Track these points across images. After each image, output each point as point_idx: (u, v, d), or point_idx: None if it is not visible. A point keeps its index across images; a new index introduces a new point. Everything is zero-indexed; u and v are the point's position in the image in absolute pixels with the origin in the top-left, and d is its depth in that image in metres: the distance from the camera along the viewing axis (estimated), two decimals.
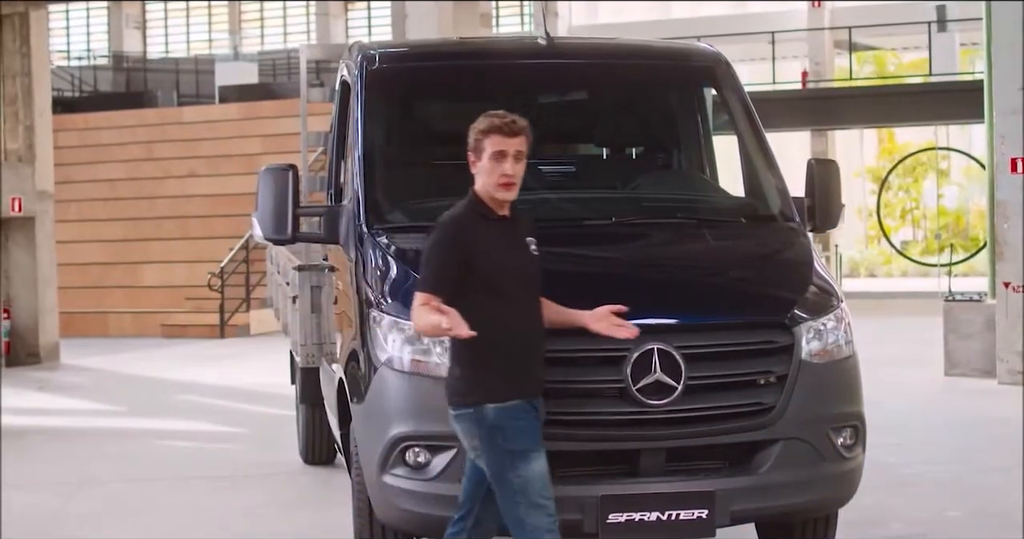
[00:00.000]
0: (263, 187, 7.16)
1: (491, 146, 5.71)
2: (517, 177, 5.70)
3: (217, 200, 27.11)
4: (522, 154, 5.72)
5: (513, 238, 5.77)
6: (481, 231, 5.70)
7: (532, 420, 5.65)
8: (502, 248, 5.71)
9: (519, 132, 5.72)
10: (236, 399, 15.24)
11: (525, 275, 5.75)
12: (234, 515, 9.13)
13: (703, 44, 8.19)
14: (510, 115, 5.77)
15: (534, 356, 5.73)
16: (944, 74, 31.57)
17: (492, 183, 5.70)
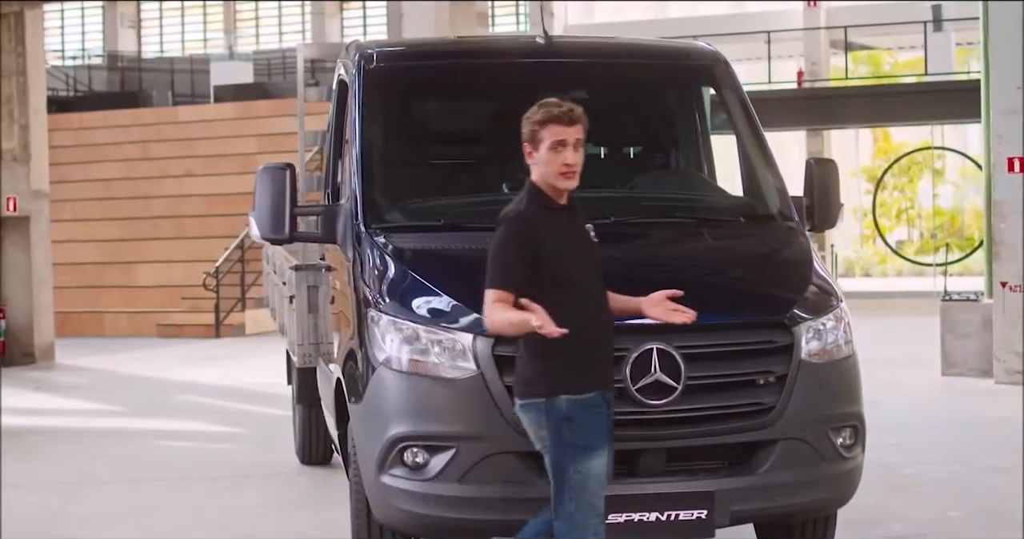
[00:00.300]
0: (260, 186, 7.13)
1: (550, 136, 5.61)
2: (578, 165, 5.62)
3: (213, 200, 27.09)
4: (580, 142, 5.64)
5: (576, 227, 5.72)
6: (546, 223, 5.62)
7: (604, 415, 5.60)
8: (567, 238, 5.66)
9: (576, 120, 5.63)
10: (233, 399, 15.21)
11: (591, 263, 5.70)
12: (234, 515, 9.11)
13: (702, 43, 8.17)
14: (566, 103, 5.68)
15: (607, 347, 5.70)
16: (940, 74, 31.59)
17: (553, 173, 5.61)
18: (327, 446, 10.30)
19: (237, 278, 24.11)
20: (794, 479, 6.25)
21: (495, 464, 6.03)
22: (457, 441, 6.07)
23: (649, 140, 8.30)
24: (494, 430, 6.01)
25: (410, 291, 6.45)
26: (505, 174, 7.68)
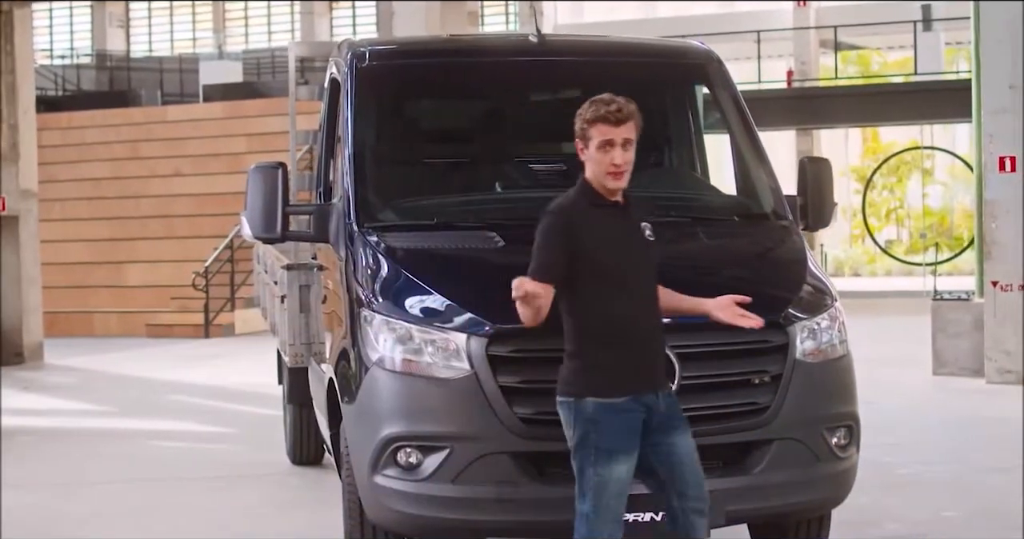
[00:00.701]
0: (252, 185, 7.10)
1: (598, 135, 5.54)
2: (627, 165, 5.53)
3: (202, 199, 27.03)
4: (630, 142, 5.56)
5: (626, 224, 5.61)
6: (591, 218, 5.55)
7: (632, 420, 5.51)
8: (613, 235, 5.56)
9: (625, 119, 5.54)
10: (224, 399, 15.18)
11: (638, 262, 5.60)
12: (230, 516, 9.08)
13: (695, 42, 8.15)
14: (616, 101, 5.60)
15: (649, 348, 5.57)
16: (929, 73, 31.61)
17: (601, 172, 5.54)
18: (318, 446, 10.27)
19: (227, 278, 24.06)
20: (789, 479, 6.23)
21: (489, 464, 6.01)
22: (451, 441, 6.05)
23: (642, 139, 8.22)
24: (488, 430, 5.99)
25: (403, 290, 6.43)
26: (498, 173, 7.67)
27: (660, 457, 5.59)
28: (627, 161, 5.54)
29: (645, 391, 5.54)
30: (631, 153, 5.57)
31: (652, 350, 5.60)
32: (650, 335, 5.58)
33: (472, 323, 6.09)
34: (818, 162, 7.56)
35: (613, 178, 5.54)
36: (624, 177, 5.56)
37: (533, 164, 7.74)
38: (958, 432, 11.86)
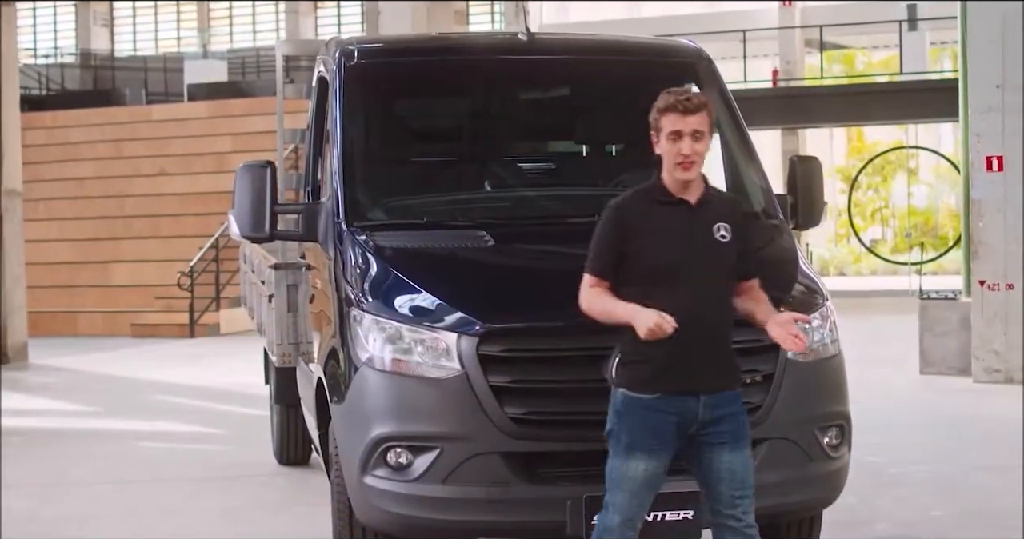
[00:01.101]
0: (240, 184, 7.07)
1: (668, 125, 5.43)
2: (696, 156, 5.39)
3: (187, 199, 26.95)
4: (701, 133, 5.41)
5: (690, 223, 5.46)
6: (649, 216, 5.46)
7: (657, 419, 5.40)
8: (670, 233, 5.43)
9: (695, 110, 5.41)
10: (210, 399, 15.11)
11: (697, 262, 5.41)
12: (219, 517, 9.04)
13: (685, 40, 8.13)
14: (688, 92, 5.53)
15: (693, 350, 5.38)
16: (915, 73, 31.64)
17: (670, 163, 5.43)
18: (305, 446, 10.23)
19: (212, 277, 23.99)
20: (781, 479, 6.19)
21: (480, 465, 5.98)
22: (441, 441, 6.02)
23: (632, 138, 8.22)
24: (479, 430, 5.97)
25: (393, 290, 6.40)
26: (488, 171, 7.64)
27: (699, 469, 5.53)
28: (696, 152, 5.41)
29: (678, 392, 5.41)
30: (702, 144, 5.43)
31: (698, 352, 5.41)
32: (700, 336, 5.38)
33: (462, 322, 6.06)
34: (808, 161, 7.54)
35: (682, 169, 5.42)
36: (693, 168, 5.42)
37: (522, 163, 7.71)
38: (946, 431, 11.84)
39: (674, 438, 5.45)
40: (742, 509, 5.47)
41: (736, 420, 5.49)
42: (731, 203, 5.67)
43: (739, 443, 5.47)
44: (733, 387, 5.51)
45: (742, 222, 5.56)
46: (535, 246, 6.76)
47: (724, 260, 5.47)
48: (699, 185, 5.51)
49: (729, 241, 5.47)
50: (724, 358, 5.49)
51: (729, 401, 5.48)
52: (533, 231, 6.86)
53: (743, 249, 5.52)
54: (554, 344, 6.04)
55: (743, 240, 5.52)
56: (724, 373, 5.49)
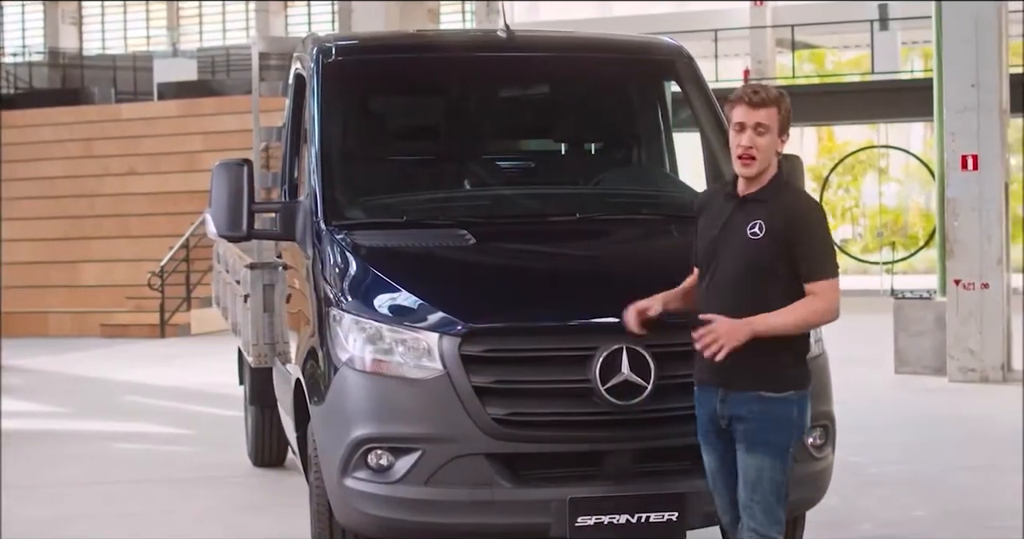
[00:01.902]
0: (217, 183, 6.97)
1: (735, 117, 5.39)
2: (758, 151, 5.33)
3: (158, 198, 26.78)
4: (767, 128, 5.33)
5: (731, 218, 5.42)
6: (712, 208, 5.53)
7: (699, 410, 5.53)
8: (712, 227, 5.47)
9: (763, 104, 5.35)
10: (182, 400, 14.98)
11: (724, 257, 5.41)
12: (195, 518, 8.95)
13: (665, 38, 8.08)
14: (762, 86, 5.45)
15: None
16: (886, 72, 31.69)
17: (733, 155, 5.40)
18: (280, 448, 10.14)
19: (182, 277, 23.84)
20: None
21: (463, 466, 5.91)
22: (423, 443, 5.95)
23: (612, 135, 8.18)
24: (461, 431, 5.90)
25: (373, 289, 6.32)
26: (467, 170, 7.57)
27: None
28: (758, 146, 5.34)
29: (707, 384, 5.50)
30: (764, 140, 5.35)
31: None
32: None
33: (444, 322, 5.99)
34: (790, 159, 7.44)
35: (741, 162, 5.38)
36: (752, 164, 5.35)
37: (502, 161, 7.65)
38: (923, 431, 11.82)
39: (711, 433, 5.51)
40: (748, 514, 5.43)
41: (751, 422, 5.39)
42: (787, 203, 5.41)
43: (752, 448, 5.39)
44: (752, 388, 5.39)
45: (789, 224, 5.33)
46: (517, 245, 6.70)
47: (754, 259, 5.35)
48: (762, 181, 5.42)
49: (761, 240, 5.34)
50: (743, 357, 5.33)
51: (748, 401, 5.39)
52: (514, 230, 6.80)
53: (789, 251, 5.33)
54: (538, 344, 5.98)
55: (787, 242, 5.32)
56: (740, 372, 5.37)
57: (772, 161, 5.43)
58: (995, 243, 14.47)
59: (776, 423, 5.38)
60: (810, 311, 5.36)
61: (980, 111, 14.42)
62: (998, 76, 14.49)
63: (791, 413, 5.41)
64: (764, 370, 5.38)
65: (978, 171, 14.39)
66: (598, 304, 6.15)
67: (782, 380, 5.40)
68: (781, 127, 5.39)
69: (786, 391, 5.39)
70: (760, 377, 5.38)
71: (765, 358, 5.36)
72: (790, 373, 5.43)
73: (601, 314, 6.08)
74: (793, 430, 5.43)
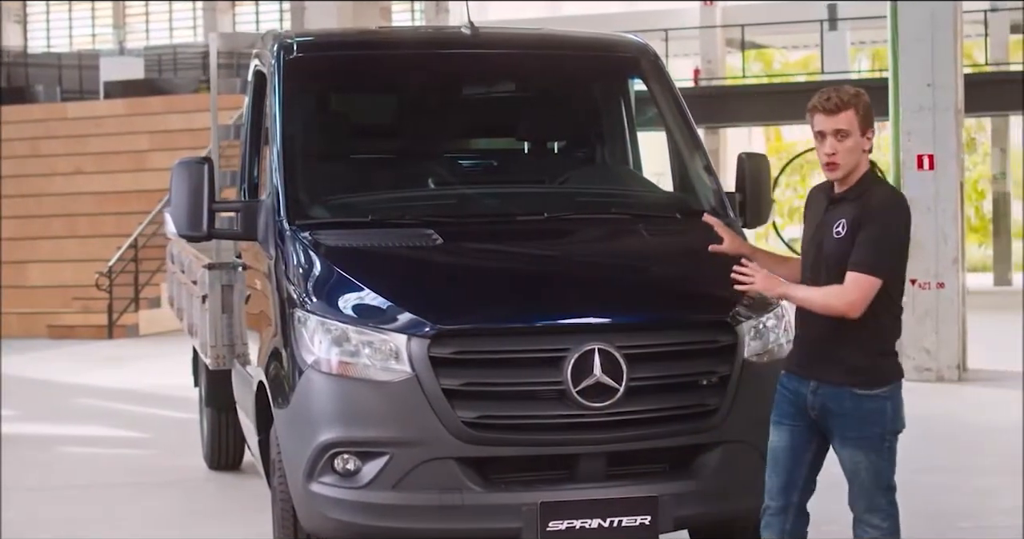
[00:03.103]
0: (177, 182, 6.83)
1: (815, 125, 5.45)
2: (840, 156, 5.37)
3: (105, 198, 26.49)
4: (846, 133, 5.36)
5: (824, 218, 5.50)
6: (813, 207, 5.62)
7: (782, 396, 5.60)
8: (809, 227, 5.60)
9: (838, 109, 5.36)
10: (133, 402, 14.77)
11: (819, 256, 5.48)
12: (151, 524, 8.80)
13: (630, 35, 8.00)
14: (834, 90, 5.44)
15: (808, 335, 5.51)
16: (836, 72, 31.73)
17: (821, 163, 5.47)
18: (237, 451, 10.00)
19: (131, 278, 23.57)
20: (738, 483, 6.11)
21: (432, 470, 5.82)
22: (391, 447, 5.85)
23: (577, 133, 8.08)
24: (430, 435, 5.80)
25: (338, 290, 6.21)
26: (432, 168, 7.46)
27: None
28: (840, 151, 5.37)
29: (797, 373, 5.55)
30: (847, 143, 5.37)
31: (813, 342, 5.50)
32: (815, 327, 5.46)
33: (412, 324, 5.89)
34: (756, 158, 7.44)
35: (828, 169, 5.44)
36: (838, 168, 5.40)
37: (467, 160, 7.55)
38: None
39: (791, 415, 5.57)
40: (852, 502, 5.62)
41: (842, 418, 5.47)
42: (869, 200, 5.41)
43: (845, 442, 5.50)
44: (841, 382, 5.44)
45: (863, 218, 5.36)
46: (485, 245, 6.60)
47: (839, 256, 5.39)
48: (850, 181, 5.45)
49: (844, 237, 5.38)
50: (835, 352, 5.44)
51: (839, 397, 5.45)
52: (482, 229, 6.70)
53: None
54: (508, 345, 5.90)
55: (856, 235, 5.38)
56: (832, 367, 5.45)
57: (860, 160, 5.44)
58: (951, 243, 14.48)
59: (868, 419, 5.46)
60: (831, 296, 5.40)
61: (936, 111, 14.43)
62: (954, 76, 14.49)
63: (884, 408, 5.48)
64: (856, 365, 5.43)
65: (934, 170, 14.39)
66: (569, 305, 6.09)
67: (873, 376, 5.46)
68: (863, 125, 5.42)
69: (877, 388, 5.46)
70: (852, 372, 5.44)
71: (855, 352, 5.44)
72: (882, 367, 5.51)
73: (573, 315, 6.01)
74: (887, 423, 5.50)
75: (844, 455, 5.53)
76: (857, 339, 5.42)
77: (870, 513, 5.54)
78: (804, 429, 5.58)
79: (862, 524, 5.56)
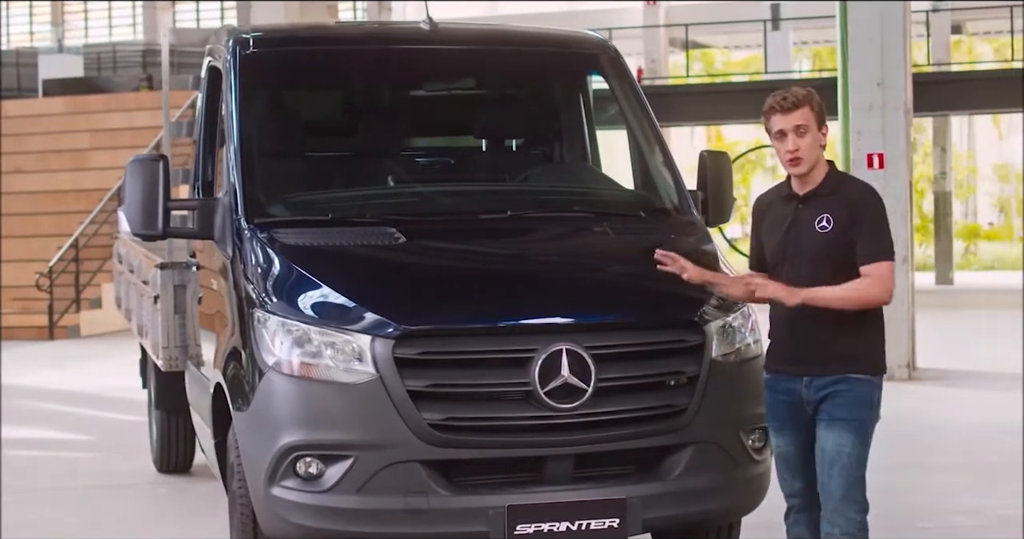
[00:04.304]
0: (131, 179, 6.68)
1: (773, 126, 5.55)
2: (803, 151, 5.49)
3: (44, 197, 26.13)
4: (805, 128, 5.50)
5: (796, 216, 5.57)
6: (771, 208, 5.69)
7: (772, 398, 5.68)
8: (778, 226, 5.62)
9: (795, 106, 5.50)
10: (77, 404, 14.55)
11: (798, 253, 5.53)
12: (101, 529, 8.62)
13: (590, 32, 7.92)
14: (788, 90, 5.57)
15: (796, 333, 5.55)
16: (779, 72, 31.82)
17: (783, 161, 5.56)
18: (188, 453, 9.85)
19: (71, 278, 23.29)
20: (707, 484, 6.04)
21: (397, 474, 5.71)
22: (355, 450, 5.74)
23: (537, 131, 7.98)
24: (395, 437, 5.69)
25: (299, 289, 6.09)
26: (393, 166, 7.35)
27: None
28: (802, 147, 5.50)
29: (785, 373, 5.61)
30: (806, 139, 5.50)
31: (801, 338, 5.53)
32: (802, 323, 5.51)
33: (377, 324, 5.77)
34: (717, 156, 7.38)
35: (792, 165, 5.54)
36: (802, 164, 5.51)
37: (428, 157, 7.45)
38: None
39: (791, 418, 5.63)
40: (827, 492, 5.57)
41: (835, 399, 5.51)
42: (847, 193, 5.57)
43: (833, 423, 5.51)
44: (837, 373, 5.52)
45: (852, 211, 5.49)
46: (449, 244, 6.49)
47: (825, 251, 5.48)
48: (816, 177, 5.57)
49: (830, 231, 5.48)
50: (828, 346, 5.51)
51: (834, 382, 5.51)
52: (445, 228, 6.59)
53: (851, 239, 5.48)
54: (475, 346, 5.80)
55: (850, 230, 5.47)
56: (827, 360, 5.51)
57: (819, 156, 5.58)
58: (900, 242, 14.39)
59: (859, 401, 5.52)
60: (864, 289, 5.46)
61: (885, 110, 14.44)
62: (903, 75, 14.51)
63: (874, 395, 5.57)
64: (852, 353, 5.53)
65: (884, 169, 14.39)
66: (537, 304, 6.00)
67: (869, 362, 5.57)
68: (818, 121, 5.55)
69: (871, 374, 5.56)
70: (848, 363, 5.52)
71: (851, 342, 5.52)
72: (874, 356, 5.59)
73: (540, 315, 5.93)
74: (873, 411, 5.59)
75: (829, 438, 5.54)
76: (853, 330, 5.52)
77: (846, 503, 5.54)
78: (806, 428, 5.62)
79: (839, 513, 5.54)
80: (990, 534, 8.12)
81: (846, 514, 5.53)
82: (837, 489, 5.52)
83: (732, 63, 49.56)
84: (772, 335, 5.69)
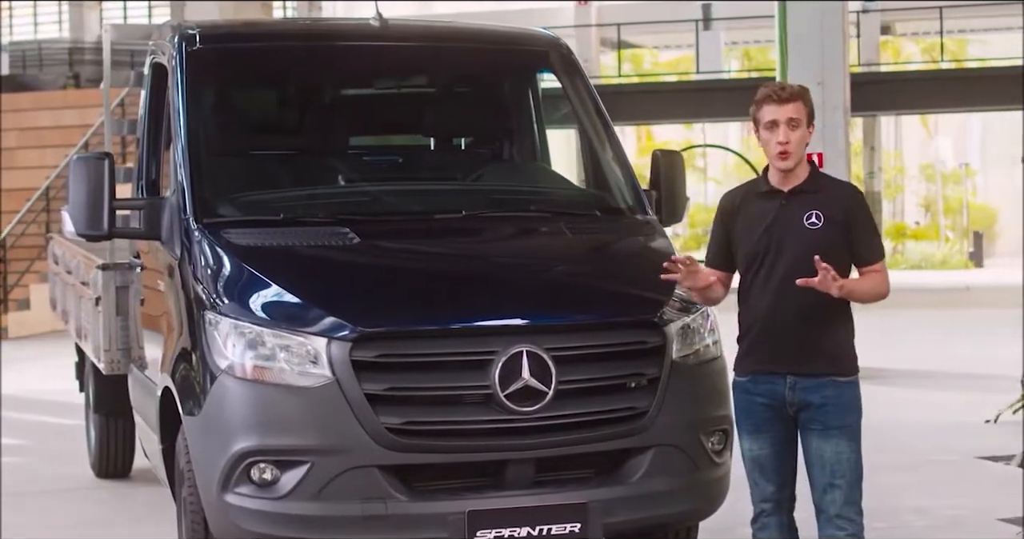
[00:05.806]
0: (75, 178, 6.53)
1: (765, 116, 5.45)
2: (793, 145, 5.42)
3: None
4: (797, 122, 5.43)
5: (781, 212, 5.47)
6: (747, 206, 5.55)
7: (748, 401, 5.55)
8: (760, 223, 5.48)
9: (790, 98, 5.44)
10: (10, 407, 14.10)
11: (785, 250, 5.43)
12: (39, 534, 8.45)
13: (541, 29, 7.84)
14: (783, 83, 5.55)
15: (780, 333, 5.45)
16: (709, 72, 31.91)
17: (770, 153, 5.45)
18: (127, 458, 9.66)
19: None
20: (668, 487, 5.97)
21: (354, 479, 5.60)
22: (311, 455, 5.62)
23: (488, 129, 7.88)
24: (353, 442, 5.58)
25: (252, 290, 5.96)
26: (344, 164, 7.23)
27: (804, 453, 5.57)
28: (793, 141, 5.43)
29: (764, 373, 5.49)
30: (798, 133, 5.45)
31: (784, 336, 5.44)
32: (785, 321, 5.42)
33: (333, 326, 5.65)
34: (670, 155, 7.32)
35: (780, 158, 5.45)
36: (791, 157, 5.44)
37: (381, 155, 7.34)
38: None
39: (769, 420, 5.53)
40: (830, 498, 5.49)
41: (826, 407, 5.43)
42: (835, 192, 5.57)
43: (828, 432, 5.44)
44: (823, 372, 5.44)
45: (845, 210, 5.46)
46: (404, 244, 6.39)
47: (815, 247, 5.34)
48: (800, 174, 5.52)
49: (820, 228, 5.41)
50: (814, 343, 5.44)
51: (820, 387, 5.43)
52: (400, 228, 6.49)
53: (846, 237, 5.45)
54: (434, 348, 5.70)
55: (844, 228, 5.44)
56: (812, 357, 5.44)
57: (804, 154, 5.52)
58: None
59: (849, 406, 5.49)
60: (881, 284, 5.50)
61: (825, 109, 14.36)
62: (842, 75, 14.52)
63: (858, 396, 5.53)
64: (836, 353, 5.49)
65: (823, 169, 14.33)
66: (496, 305, 5.91)
67: (850, 363, 5.52)
68: (809, 118, 5.51)
69: (853, 375, 5.51)
70: (833, 361, 5.47)
71: (834, 340, 5.49)
72: (852, 355, 5.56)
73: (500, 316, 5.84)
74: (860, 412, 5.55)
75: (827, 447, 5.47)
76: (835, 328, 5.49)
77: (848, 506, 5.53)
78: (783, 431, 5.55)
79: (841, 518, 5.52)
80: (941, 534, 8.09)
81: (849, 517, 5.52)
82: (841, 495, 5.50)
83: (660, 64, 49.61)
84: (747, 337, 5.57)
